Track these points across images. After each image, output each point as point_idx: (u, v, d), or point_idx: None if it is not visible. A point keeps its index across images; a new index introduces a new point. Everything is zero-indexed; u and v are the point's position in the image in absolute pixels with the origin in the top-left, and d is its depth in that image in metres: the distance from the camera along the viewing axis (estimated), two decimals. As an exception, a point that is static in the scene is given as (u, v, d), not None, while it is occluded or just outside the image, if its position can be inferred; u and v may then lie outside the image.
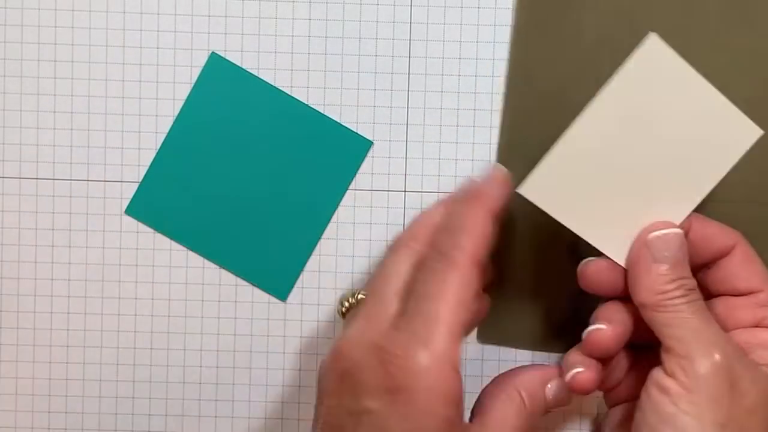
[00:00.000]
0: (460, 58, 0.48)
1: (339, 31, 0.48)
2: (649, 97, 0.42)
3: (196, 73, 0.48)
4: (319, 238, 0.48)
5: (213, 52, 0.48)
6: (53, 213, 0.49)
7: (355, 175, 0.48)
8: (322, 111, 0.48)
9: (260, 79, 0.48)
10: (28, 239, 0.49)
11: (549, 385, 0.44)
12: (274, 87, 0.48)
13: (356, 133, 0.48)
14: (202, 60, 0.48)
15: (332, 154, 0.48)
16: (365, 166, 0.48)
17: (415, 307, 0.40)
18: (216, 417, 0.49)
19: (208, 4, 0.48)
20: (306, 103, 0.48)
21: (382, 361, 0.39)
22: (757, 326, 0.42)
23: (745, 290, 0.43)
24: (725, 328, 0.42)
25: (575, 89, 0.47)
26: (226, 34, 0.48)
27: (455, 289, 0.40)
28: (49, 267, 0.49)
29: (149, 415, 0.49)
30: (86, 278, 0.49)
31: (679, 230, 0.42)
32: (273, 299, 0.49)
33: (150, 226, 0.49)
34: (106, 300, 0.49)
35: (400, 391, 0.38)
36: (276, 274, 0.48)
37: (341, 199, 0.48)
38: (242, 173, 0.48)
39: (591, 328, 0.43)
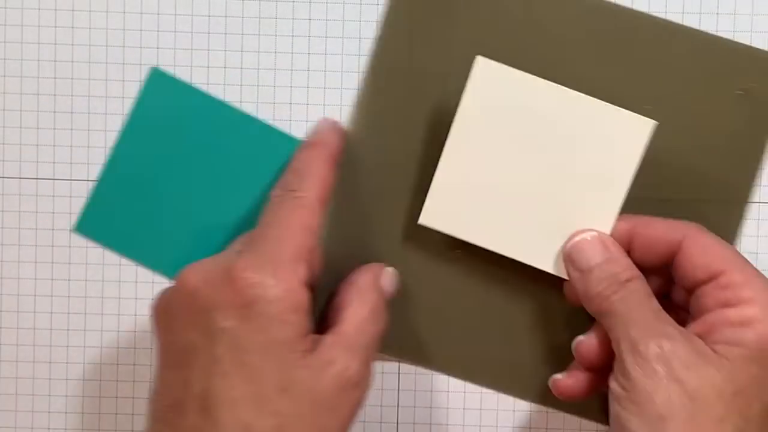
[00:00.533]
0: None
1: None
2: (509, 113, 0.44)
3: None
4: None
5: (154, 67, 0.48)
6: (53, 213, 0.49)
7: None
8: (271, 124, 0.48)
9: (202, 91, 0.48)
10: (28, 239, 0.49)
11: (382, 279, 0.45)
12: (217, 99, 0.48)
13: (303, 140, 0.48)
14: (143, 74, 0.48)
15: (281, 163, 0.48)
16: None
17: (260, 233, 0.42)
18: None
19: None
20: (254, 116, 0.48)
21: (230, 281, 0.39)
22: (724, 307, 0.42)
23: (706, 277, 0.42)
24: (694, 318, 0.42)
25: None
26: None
27: (299, 217, 0.42)
28: (49, 267, 0.49)
29: (149, 415, 0.49)
30: (86, 278, 0.49)
31: (592, 233, 0.43)
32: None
33: (100, 243, 0.49)
34: (106, 300, 0.49)
35: (252, 306, 0.39)
36: None
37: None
38: (191, 185, 0.48)
39: (578, 338, 0.44)
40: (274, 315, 0.39)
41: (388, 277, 0.45)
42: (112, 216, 0.48)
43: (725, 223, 0.48)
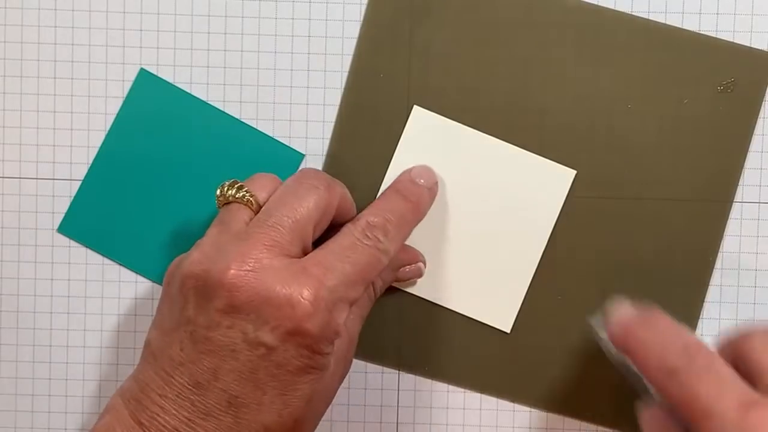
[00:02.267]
0: (459, 58, 0.48)
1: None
2: (441, 162, 0.47)
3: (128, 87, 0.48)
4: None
5: (141, 68, 0.48)
6: (53, 213, 0.49)
7: None
8: (254, 125, 0.48)
9: (189, 93, 0.48)
10: (28, 239, 0.49)
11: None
12: (203, 101, 0.48)
13: (287, 146, 0.48)
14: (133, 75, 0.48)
15: (265, 168, 0.47)
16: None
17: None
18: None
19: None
20: (238, 117, 0.48)
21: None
22: None
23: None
24: None
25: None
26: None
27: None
28: (49, 267, 0.49)
29: (149, 415, 0.49)
30: (86, 278, 0.49)
31: None
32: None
33: (84, 244, 0.49)
34: (106, 300, 0.49)
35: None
36: None
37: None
38: (176, 188, 0.48)
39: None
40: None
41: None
42: (95, 217, 0.48)
43: (709, 222, 0.48)
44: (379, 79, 0.48)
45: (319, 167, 0.48)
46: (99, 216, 0.48)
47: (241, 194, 0.43)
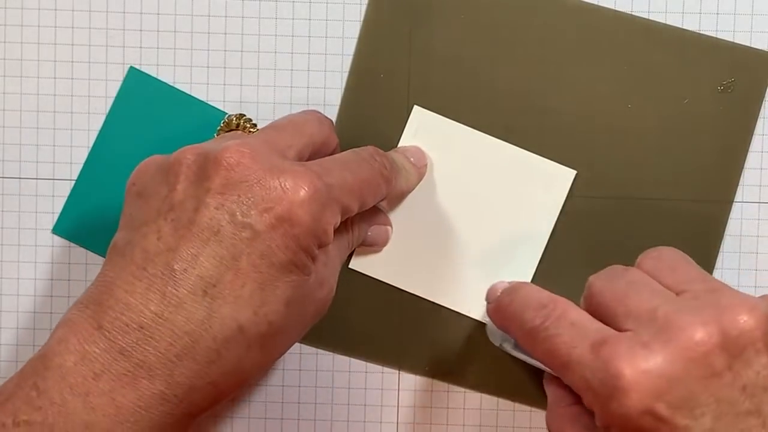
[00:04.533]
0: (459, 58, 0.48)
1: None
2: (440, 161, 0.47)
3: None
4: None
5: (131, 66, 0.48)
6: (53, 213, 0.49)
7: None
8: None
9: (179, 90, 0.48)
10: (27, 239, 0.49)
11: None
12: (194, 98, 0.48)
13: None
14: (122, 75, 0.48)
15: None
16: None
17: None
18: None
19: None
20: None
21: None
22: None
23: None
24: None
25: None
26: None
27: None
28: (49, 267, 0.49)
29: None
30: (86, 279, 0.49)
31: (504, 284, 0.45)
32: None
33: (78, 244, 0.48)
34: (105, 300, 0.49)
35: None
36: None
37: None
38: None
39: None
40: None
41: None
42: (89, 217, 0.48)
43: (709, 222, 0.48)
44: (379, 79, 0.48)
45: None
46: (93, 216, 0.48)
47: (243, 122, 0.45)
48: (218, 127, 0.46)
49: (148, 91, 0.48)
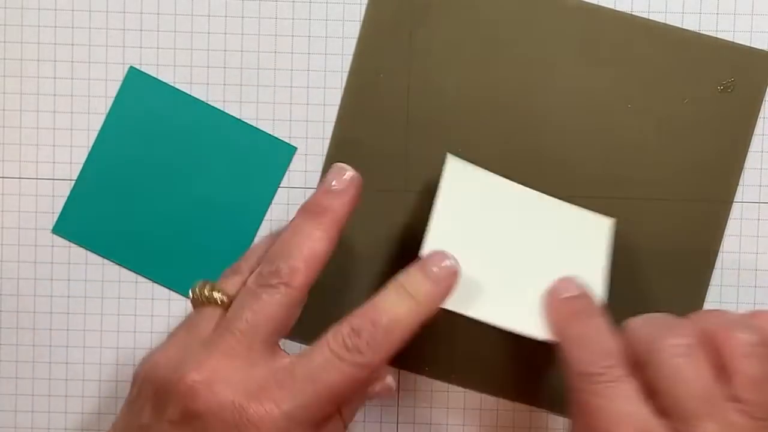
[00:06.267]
0: (459, 58, 0.48)
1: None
2: (479, 213, 0.43)
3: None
4: (251, 241, 0.48)
5: (131, 66, 0.48)
6: (53, 213, 0.49)
7: (281, 179, 0.48)
8: (255, 126, 0.48)
9: (179, 90, 0.48)
10: (28, 239, 0.49)
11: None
12: (194, 98, 0.48)
13: (279, 139, 0.48)
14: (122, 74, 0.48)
15: (257, 161, 0.48)
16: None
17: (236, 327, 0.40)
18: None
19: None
20: (238, 117, 0.48)
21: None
22: None
23: None
24: None
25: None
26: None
27: (278, 313, 0.40)
28: (49, 267, 0.49)
29: (149, 415, 0.49)
30: (86, 278, 0.49)
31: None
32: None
33: (78, 244, 0.49)
34: (105, 300, 0.49)
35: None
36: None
37: (269, 204, 0.48)
38: (168, 184, 0.48)
39: None
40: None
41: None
42: (89, 217, 0.48)
43: (709, 222, 0.48)
44: (379, 79, 0.48)
45: (319, 167, 0.48)
46: (93, 216, 0.48)
47: (211, 295, 0.41)
48: (190, 299, 0.43)
49: (148, 91, 0.48)
